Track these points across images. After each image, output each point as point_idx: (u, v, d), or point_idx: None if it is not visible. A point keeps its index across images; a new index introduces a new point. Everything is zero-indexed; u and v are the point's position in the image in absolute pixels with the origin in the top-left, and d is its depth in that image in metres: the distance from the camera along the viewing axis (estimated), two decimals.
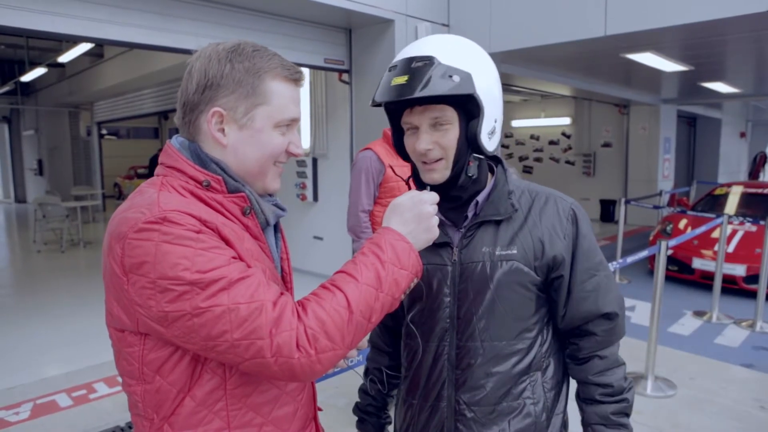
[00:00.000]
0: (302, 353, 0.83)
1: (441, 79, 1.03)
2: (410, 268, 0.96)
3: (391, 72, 1.08)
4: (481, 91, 1.07)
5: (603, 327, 1.17)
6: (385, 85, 1.08)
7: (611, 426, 1.17)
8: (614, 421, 1.17)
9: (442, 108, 1.08)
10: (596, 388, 1.18)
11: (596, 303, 1.16)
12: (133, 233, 0.82)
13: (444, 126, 1.10)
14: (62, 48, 9.50)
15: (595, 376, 1.18)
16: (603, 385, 1.18)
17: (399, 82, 1.05)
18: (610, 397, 1.17)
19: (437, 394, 1.20)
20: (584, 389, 1.21)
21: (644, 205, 8.02)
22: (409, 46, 1.11)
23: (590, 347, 1.18)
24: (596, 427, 1.18)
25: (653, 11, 4.38)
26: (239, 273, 0.83)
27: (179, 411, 0.89)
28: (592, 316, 1.17)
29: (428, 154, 1.10)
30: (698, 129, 14.09)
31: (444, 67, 1.04)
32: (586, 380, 1.20)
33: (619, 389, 1.18)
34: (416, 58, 1.06)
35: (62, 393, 3.63)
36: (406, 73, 1.05)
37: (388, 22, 5.19)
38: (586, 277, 1.16)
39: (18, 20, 3.56)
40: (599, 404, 1.18)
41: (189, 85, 0.94)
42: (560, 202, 1.19)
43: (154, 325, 0.83)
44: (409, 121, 1.12)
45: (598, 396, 1.18)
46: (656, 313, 3.65)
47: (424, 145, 1.10)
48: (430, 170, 1.12)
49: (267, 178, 0.99)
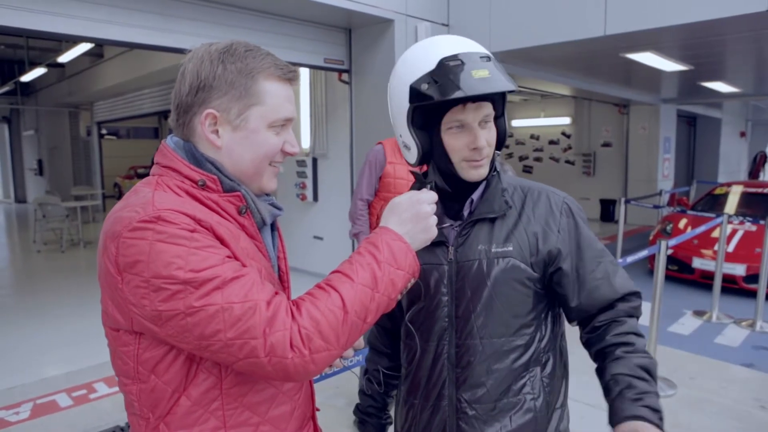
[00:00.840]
0: (296, 353, 0.82)
1: (506, 76, 1.06)
2: (407, 268, 0.95)
3: (464, 65, 1.03)
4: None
5: (629, 304, 1.15)
6: (466, 78, 1.02)
7: (639, 378, 1.04)
8: (641, 374, 1.05)
9: (489, 106, 1.11)
10: (617, 347, 1.10)
11: (611, 287, 1.15)
12: (128, 232, 0.82)
13: (489, 123, 1.13)
14: (62, 48, 9.50)
15: (615, 337, 1.11)
16: (625, 343, 1.10)
17: (483, 75, 1.03)
18: (635, 353, 1.08)
19: (438, 393, 1.20)
20: (605, 354, 1.12)
21: (644, 204, 8.02)
22: (450, 42, 1.08)
23: (613, 316, 1.14)
24: (620, 378, 1.05)
25: (653, 11, 4.38)
26: (233, 272, 0.83)
27: (175, 410, 0.89)
28: (610, 300, 1.15)
29: (483, 151, 1.12)
30: (698, 128, 14.09)
31: (499, 65, 1.07)
32: (606, 344, 1.11)
33: (642, 347, 1.10)
34: (480, 54, 1.07)
35: (62, 393, 3.63)
36: (484, 68, 1.04)
37: (387, 22, 5.19)
38: (593, 265, 1.16)
39: (18, 20, 3.56)
40: (622, 359, 1.08)
41: (182, 87, 0.94)
42: (552, 196, 1.20)
43: (148, 324, 0.83)
44: (461, 118, 1.10)
45: (620, 353, 1.08)
46: (656, 313, 3.64)
47: (483, 141, 1.11)
48: (478, 167, 1.13)
49: (263, 178, 0.98)
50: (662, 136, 11.31)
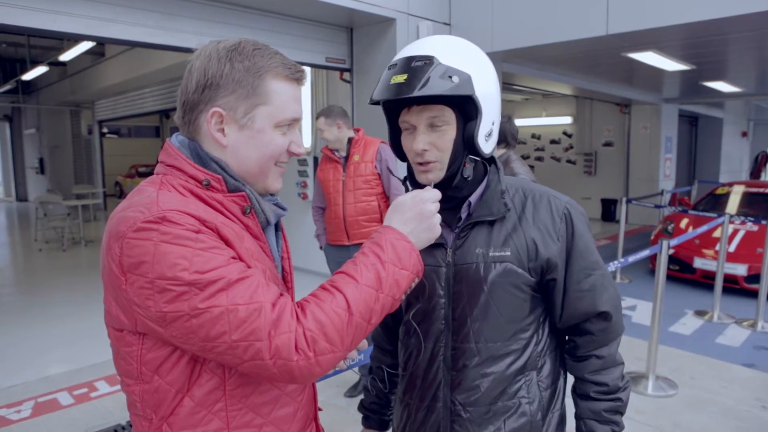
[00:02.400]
0: (301, 355, 0.82)
1: (440, 79, 1.02)
2: (411, 267, 0.95)
3: (391, 70, 1.07)
4: (480, 93, 1.06)
5: (598, 326, 1.18)
6: (384, 83, 1.07)
7: (603, 422, 1.18)
8: (606, 417, 1.18)
9: (440, 108, 1.08)
10: (591, 386, 1.20)
11: (592, 302, 1.16)
12: (132, 232, 0.81)
13: (441, 127, 1.09)
14: (63, 46, 9.50)
15: (591, 374, 1.19)
16: (598, 383, 1.19)
17: (398, 81, 1.04)
18: (604, 395, 1.18)
19: (433, 394, 1.20)
20: (580, 385, 1.23)
21: (645, 204, 8.01)
22: (410, 46, 1.10)
23: (587, 346, 1.19)
24: (588, 422, 1.19)
25: (655, 10, 4.37)
26: (238, 274, 0.82)
27: (178, 411, 0.88)
28: (588, 315, 1.17)
29: (424, 155, 1.10)
30: (700, 128, 14.07)
31: (444, 68, 1.03)
32: (582, 377, 1.21)
33: (614, 388, 1.18)
34: (416, 57, 1.05)
35: (63, 391, 3.64)
36: (405, 72, 1.04)
37: (389, 21, 5.19)
38: (582, 276, 1.15)
39: (21, 19, 3.56)
40: (593, 401, 1.19)
41: (189, 84, 0.93)
42: (554, 201, 1.18)
43: (152, 325, 0.83)
44: (407, 120, 1.11)
45: (592, 393, 1.19)
46: (657, 313, 3.64)
47: (420, 145, 1.09)
48: (424, 171, 1.12)
49: (268, 178, 0.98)
50: (664, 135, 11.30)
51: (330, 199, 3.39)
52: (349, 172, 3.30)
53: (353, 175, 3.29)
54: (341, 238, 3.36)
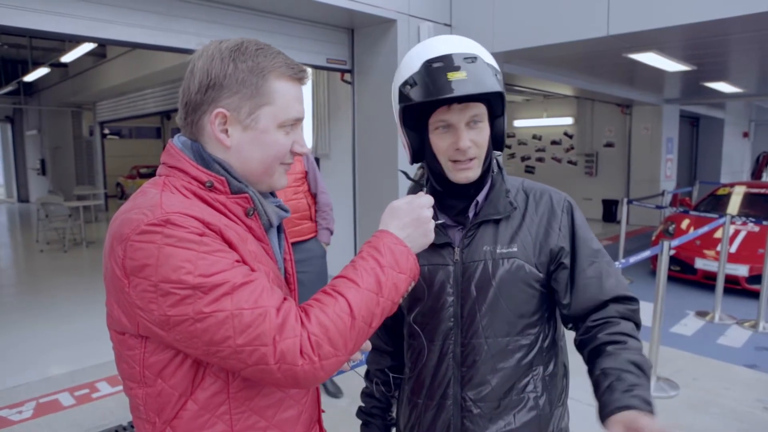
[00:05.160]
0: (306, 360, 0.82)
1: (491, 77, 1.06)
2: (408, 271, 0.96)
3: (441, 66, 1.05)
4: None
5: (613, 310, 1.11)
6: (439, 80, 1.04)
7: (626, 371, 0.98)
8: (631, 369, 0.99)
9: (479, 106, 1.10)
10: (607, 345, 1.05)
11: (600, 288, 1.13)
12: (135, 235, 0.81)
13: (479, 124, 1.11)
14: (65, 48, 9.51)
15: (608, 335, 1.07)
16: (616, 333, 1.06)
17: (458, 77, 1.03)
18: (627, 349, 1.03)
19: (443, 392, 1.21)
20: (595, 350, 1.08)
21: (647, 205, 8.01)
22: (441, 43, 1.10)
23: (605, 328, 1.09)
24: (623, 374, 0.98)
25: (656, 11, 4.37)
26: (243, 277, 0.82)
27: (181, 414, 0.88)
28: (598, 300, 1.12)
29: (468, 152, 1.11)
30: (701, 129, 14.06)
31: (487, 66, 1.07)
32: (598, 342, 1.07)
33: (635, 336, 1.07)
34: (464, 55, 1.06)
35: (65, 392, 3.64)
36: (463, 69, 1.04)
37: (390, 22, 5.19)
38: (586, 264, 1.16)
39: (21, 20, 3.56)
40: (622, 349, 1.03)
41: (191, 85, 0.92)
42: (554, 195, 1.22)
43: (155, 328, 0.82)
44: (446, 119, 1.11)
45: (610, 349, 1.04)
46: (658, 314, 3.64)
47: (467, 142, 1.10)
48: (465, 169, 1.12)
49: (273, 177, 0.98)
50: (665, 136, 11.29)
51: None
52: None
53: None
54: None
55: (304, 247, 3.25)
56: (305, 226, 3.29)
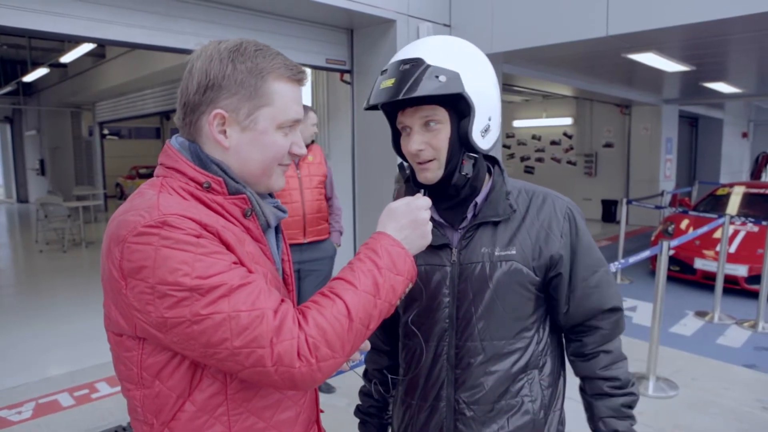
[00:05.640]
0: (303, 362, 0.82)
1: (428, 80, 1.04)
2: (406, 273, 0.96)
3: (383, 76, 1.10)
4: (471, 89, 1.07)
5: (608, 320, 1.20)
6: (375, 88, 1.10)
7: (622, 417, 1.19)
8: (625, 413, 1.19)
9: (432, 108, 1.10)
10: (604, 382, 1.20)
11: (600, 299, 1.18)
12: (133, 237, 0.80)
13: (435, 126, 1.10)
14: (64, 48, 9.51)
15: (602, 371, 1.20)
16: (611, 378, 1.20)
17: (387, 85, 1.06)
18: (619, 390, 1.20)
19: (436, 393, 1.21)
20: (591, 384, 1.23)
21: (646, 205, 8.01)
22: (401, 50, 1.13)
23: (595, 342, 1.20)
24: (608, 420, 1.19)
25: (655, 11, 4.37)
26: (240, 279, 0.82)
27: (179, 416, 0.88)
28: (596, 311, 1.19)
29: (420, 155, 1.12)
30: (700, 129, 14.07)
31: (431, 68, 1.05)
32: (593, 375, 1.21)
33: (626, 382, 1.20)
34: (405, 60, 1.07)
35: (64, 392, 3.64)
36: (393, 76, 1.06)
37: (389, 23, 5.19)
38: (588, 273, 1.18)
39: (21, 21, 3.56)
40: (609, 397, 1.20)
41: (189, 85, 0.91)
42: (557, 201, 1.21)
43: (153, 330, 0.82)
44: (402, 121, 1.14)
45: (606, 389, 1.20)
46: (658, 314, 3.64)
47: (415, 145, 1.11)
48: (423, 170, 1.14)
49: (271, 179, 0.98)
50: (664, 136, 11.29)
51: (284, 196, 3.43)
52: (303, 171, 3.37)
53: (309, 174, 3.38)
54: (297, 236, 3.39)
55: (321, 247, 3.44)
56: (324, 226, 3.46)
